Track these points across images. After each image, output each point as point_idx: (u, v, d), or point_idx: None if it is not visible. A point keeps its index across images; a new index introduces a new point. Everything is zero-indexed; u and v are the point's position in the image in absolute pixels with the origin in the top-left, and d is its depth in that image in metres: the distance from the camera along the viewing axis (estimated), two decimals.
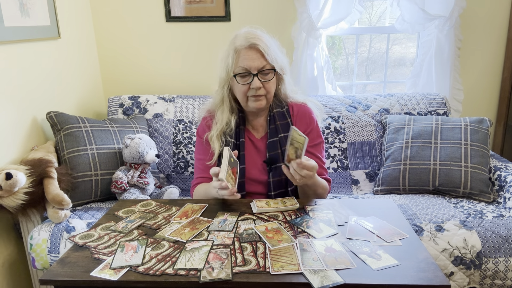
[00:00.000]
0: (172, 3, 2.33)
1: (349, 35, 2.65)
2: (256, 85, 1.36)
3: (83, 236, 1.08)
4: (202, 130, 1.53)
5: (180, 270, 0.90)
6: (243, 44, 1.38)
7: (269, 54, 1.37)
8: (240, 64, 1.37)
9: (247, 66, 1.36)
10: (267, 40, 1.40)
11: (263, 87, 1.39)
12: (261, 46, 1.36)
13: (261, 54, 1.36)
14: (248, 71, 1.36)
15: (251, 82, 1.37)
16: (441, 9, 2.23)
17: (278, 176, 1.42)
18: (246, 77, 1.38)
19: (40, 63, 1.90)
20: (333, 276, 0.87)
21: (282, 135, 1.44)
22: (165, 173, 2.15)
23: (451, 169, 1.85)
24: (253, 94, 1.38)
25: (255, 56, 1.36)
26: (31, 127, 1.82)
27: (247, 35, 1.39)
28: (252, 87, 1.37)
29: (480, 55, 2.42)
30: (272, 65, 1.38)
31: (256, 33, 1.40)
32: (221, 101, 1.47)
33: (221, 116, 1.46)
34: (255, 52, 1.37)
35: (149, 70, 2.46)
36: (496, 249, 1.51)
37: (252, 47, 1.37)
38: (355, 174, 2.13)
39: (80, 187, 1.78)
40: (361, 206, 1.24)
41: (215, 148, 1.45)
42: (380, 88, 2.72)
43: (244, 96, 1.41)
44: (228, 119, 1.45)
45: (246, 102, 1.42)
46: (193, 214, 1.19)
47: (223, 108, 1.47)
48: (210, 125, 1.50)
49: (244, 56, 1.37)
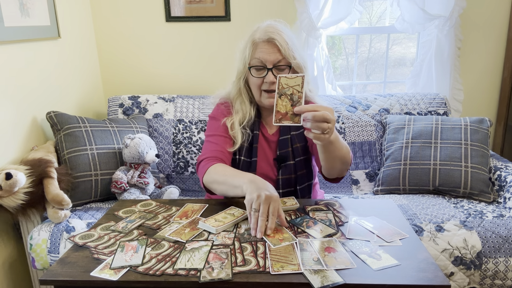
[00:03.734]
0: (172, 3, 2.33)
1: (349, 35, 2.65)
2: (270, 79, 1.33)
3: (83, 236, 1.07)
4: (221, 113, 1.46)
5: (180, 270, 0.90)
6: (262, 37, 1.35)
7: (286, 50, 1.33)
8: (256, 56, 1.35)
9: (262, 59, 1.34)
10: (287, 35, 1.36)
11: None
12: (279, 40, 1.33)
13: (278, 49, 1.33)
14: (264, 65, 1.35)
15: (265, 76, 1.35)
16: (441, 9, 2.23)
17: (287, 174, 1.42)
18: (260, 71, 1.36)
19: (40, 63, 1.90)
20: (333, 276, 0.86)
21: (294, 133, 1.43)
22: (165, 173, 2.15)
23: (451, 169, 1.85)
24: (266, 88, 1.36)
25: (272, 50, 1.34)
26: (31, 127, 1.82)
27: (267, 28, 1.36)
28: (266, 81, 1.35)
29: (480, 55, 2.42)
30: (288, 61, 1.35)
31: (277, 27, 1.37)
32: (238, 92, 1.45)
33: (240, 106, 1.44)
34: (272, 46, 1.34)
35: (149, 70, 2.46)
36: (496, 249, 1.51)
37: (270, 41, 1.34)
38: (355, 174, 2.13)
39: (80, 187, 1.78)
40: (361, 206, 1.24)
41: (237, 138, 1.40)
42: (380, 88, 2.72)
43: (258, 90, 1.39)
44: (249, 109, 1.43)
45: (259, 97, 1.40)
46: (193, 214, 1.19)
47: (242, 99, 1.44)
48: (230, 111, 1.46)
49: (260, 49, 1.35)
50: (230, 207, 1.21)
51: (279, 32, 1.35)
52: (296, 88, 1.05)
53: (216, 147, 1.40)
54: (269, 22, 1.40)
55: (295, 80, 1.05)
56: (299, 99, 1.06)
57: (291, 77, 1.05)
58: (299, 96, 1.05)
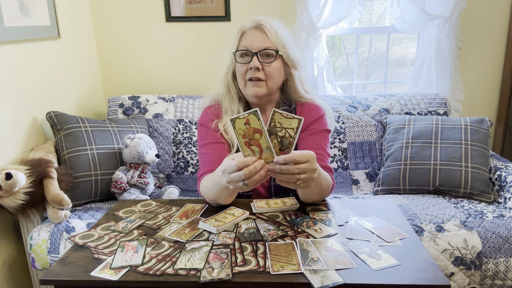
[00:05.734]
0: (172, 3, 2.33)
1: (349, 35, 2.65)
2: (254, 64, 1.25)
3: (83, 236, 1.07)
4: (208, 119, 1.37)
5: (180, 270, 0.90)
6: (250, 25, 1.31)
7: (275, 36, 1.28)
8: (242, 43, 1.30)
9: (248, 45, 1.28)
10: (277, 26, 1.31)
11: (263, 71, 1.28)
12: (267, 27, 1.28)
13: (266, 35, 1.28)
14: (249, 50, 1.28)
15: (250, 62, 1.27)
16: (441, 9, 2.23)
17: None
18: (246, 57, 1.29)
19: (40, 63, 1.90)
20: (333, 276, 0.86)
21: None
22: (165, 173, 2.15)
23: (452, 169, 1.85)
24: (251, 76, 1.27)
25: (259, 36, 1.28)
26: (31, 127, 1.82)
27: (257, 18, 1.32)
28: (250, 67, 1.27)
29: (480, 55, 2.42)
30: (276, 48, 1.28)
31: (267, 18, 1.32)
32: (226, 88, 1.38)
33: (229, 105, 1.35)
34: (259, 32, 1.29)
35: (149, 70, 2.46)
36: (496, 250, 1.51)
37: (258, 27, 1.30)
38: (355, 174, 2.13)
39: (80, 187, 1.78)
40: (361, 206, 1.24)
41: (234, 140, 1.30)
42: (380, 88, 2.72)
43: (243, 79, 1.30)
44: (237, 107, 1.35)
45: (245, 87, 1.31)
46: (193, 214, 1.19)
47: (231, 95, 1.37)
48: (218, 113, 1.37)
49: (248, 35, 1.30)
50: (230, 207, 1.21)
51: (268, 21, 1.30)
52: (289, 131, 0.92)
53: (211, 158, 1.31)
54: (260, 16, 1.34)
55: (290, 122, 0.91)
56: (289, 145, 0.94)
57: (287, 116, 0.92)
58: (290, 142, 0.93)
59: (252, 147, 0.95)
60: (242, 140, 0.95)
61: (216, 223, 1.09)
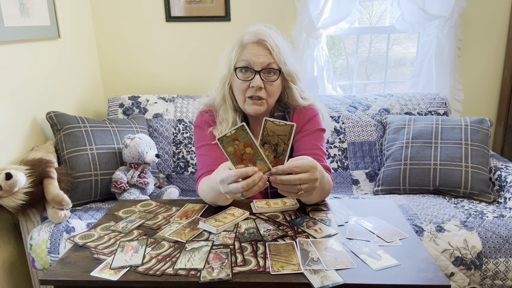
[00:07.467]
0: (172, 3, 2.33)
1: (349, 35, 2.65)
2: (257, 83, 1.21)
3: (83, 236, 1.07)
4: (204, 121, 1.35)
5: (180, 270, 0.90)
6: (251, 38, 1.24)
7: (278, 54, 1.23)
8: (243, 57, 1.23)
9: (250, 61, 1.22)
10: (279, 40, 1.26)
11: (265, 89, 1.24)
12: (270, 43, 1.22)
13: (269, 51, 1.23)
14: (251, 67, 1.23)
15: (251, 79, 1.22)
16: (441, 9, 2.23)
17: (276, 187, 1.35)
18: (247, 73, 1.24)
19: (40, 63, 1.90)
20: (333, 276, 0.86)
21: None
22: (165, 173, 2.15)
23: (452, 169, 1.85)
24: (251, 94, 1.24)
25: (262, 52, 1.22)
26: (31, 127, 1.82)
27: (258, 31, 1.26)
28: (252, 85, 1.22)
29: (480, 55, 2.42)
30: (278, 66, 1.24)
31: (268, 30, 1.27)
32: (222, 99, 1.33)
33: (225, 115, 1.32)
34: (262, 49, 1.23)
35: (149, 70, 2.46)
36: (496, 250, 1.51)
37: (260, 42, 1.23)
38: (355, 174, 2.13)
39: (80, 187, 1.78)
40: (361, 206, 1.24)
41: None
42: (380, 88, 2.72)
43: (242, 95, 1.26)
44: (233, 118, 1.31)
45: (243, 103, 1.28)
46: (193, 214, 1.19)
47: (226, 107, 1.32)
48: (214, 119, 1.34)
49: (249, 50, 1.23)
50: (230, 207, 1.21)
51: (270, 35, 1.25)
52: (282, 138, 0.92)
53: (208, 159, 1.29)
54: (259, 26, 1.30)
55: (283, 129, 0.91)
56: (283, 151, 0.93)
57: (279, 123, 0.91)
58: (284, 148, 0.93)
59: (245, 162, 0.95)
60: (234, 157, 0.96)
61: (216, 223, 1.09)
